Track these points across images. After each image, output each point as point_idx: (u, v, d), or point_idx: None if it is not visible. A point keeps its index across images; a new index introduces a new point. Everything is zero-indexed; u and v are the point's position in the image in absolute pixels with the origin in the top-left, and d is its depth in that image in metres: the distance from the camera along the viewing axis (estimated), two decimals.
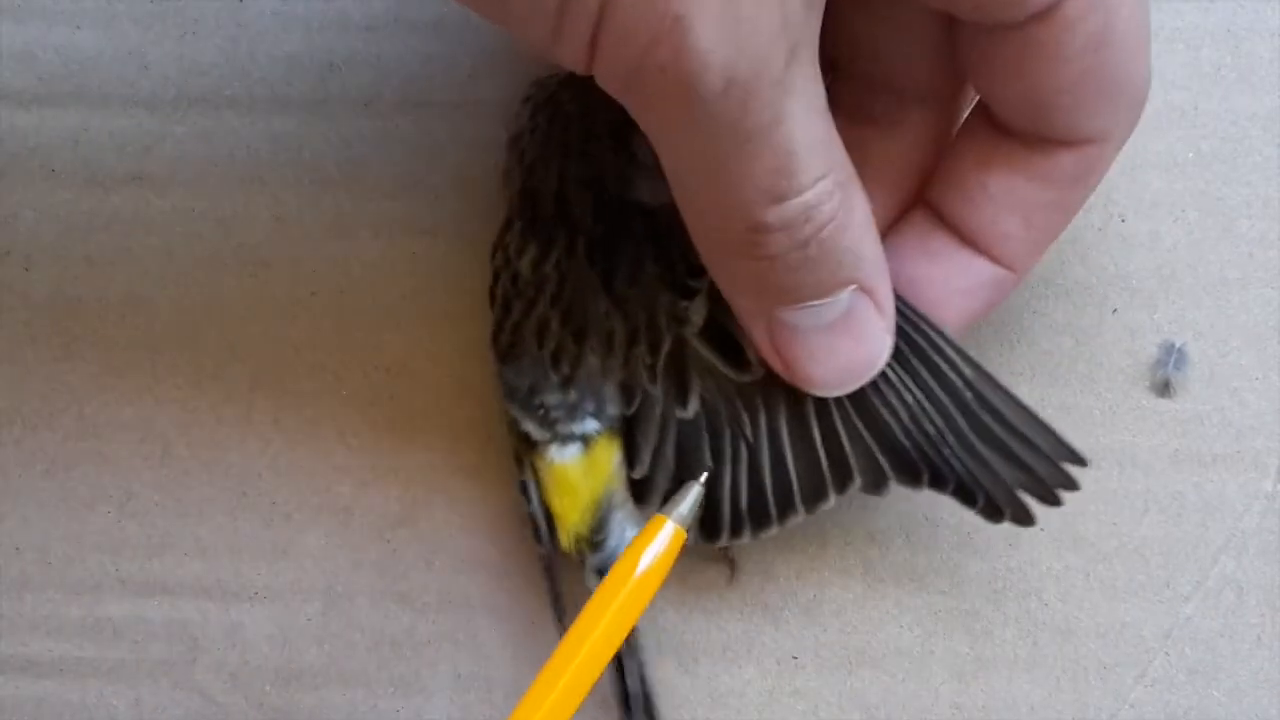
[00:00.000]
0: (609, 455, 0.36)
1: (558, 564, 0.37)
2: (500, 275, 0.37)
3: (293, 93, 0.40)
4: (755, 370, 0.35)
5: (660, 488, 0.36)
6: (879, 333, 0.33)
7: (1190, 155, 0.40)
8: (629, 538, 0.36)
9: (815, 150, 0.30)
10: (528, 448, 0.37)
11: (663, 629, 0.38)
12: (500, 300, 0.37)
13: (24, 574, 0.40)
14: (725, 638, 0.39)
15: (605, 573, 0.35)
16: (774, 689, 0.39)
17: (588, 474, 0.36)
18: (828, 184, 0.30)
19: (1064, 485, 0.34)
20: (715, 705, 0.39)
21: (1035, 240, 0.34)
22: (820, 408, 0.34)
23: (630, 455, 0.36)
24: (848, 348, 0.33)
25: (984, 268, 0.34)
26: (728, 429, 0.35)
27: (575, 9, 0.28)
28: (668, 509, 0.35)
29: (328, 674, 0.39)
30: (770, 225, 0.31)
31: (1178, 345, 0.39)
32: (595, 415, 0.36)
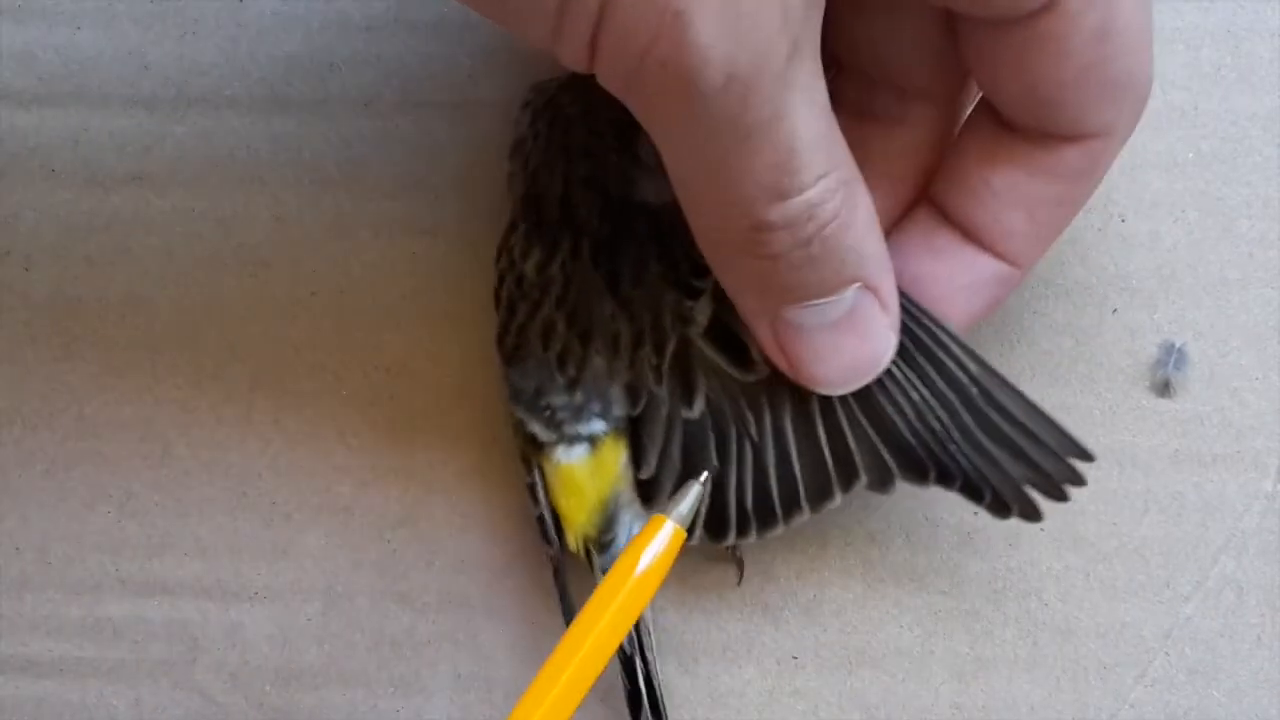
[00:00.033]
0: (615, 456, 0.36)
1: (565, 565, 0.37)
2: (505, 277, 0.37)
3: (293, 93, 0.40)
4: (760, 370, 0.35)
5: (666, 488, 0.36)
6: (884, 330, 0.33)
7: (1190, 155, 0.40)
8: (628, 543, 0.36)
9: (817, 147, 0.30)
10: (534, 449, 0.37)
11: (663, 629, 0.38)
12: (505, 302, 0.37)
13: (24, 574, 0.40)
14: (725, 638, 0.39)
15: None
16: (774, 689, 0.38)
17: (594, 475, 0.36)
18: (830, 181, 0.30)
19: (1071, 481, 0.34)
20: (715, 705, 0.39)
21: (1039, 236, 0.34)
22: (825, 406, 0.34)
23: (636, 456, 0.36)
24: (853, 346, 0.33)
25: (988, 264, 0.34)
26: (733, 429, 0.35)
27: (575, 8, 0.28)
28: (667, 508, 0.35)
29: (328, 674, 0.39)
30: (773, 223, 0.30)
31: (1178, 345, 0.39)
32: (601, 416, 0.36)
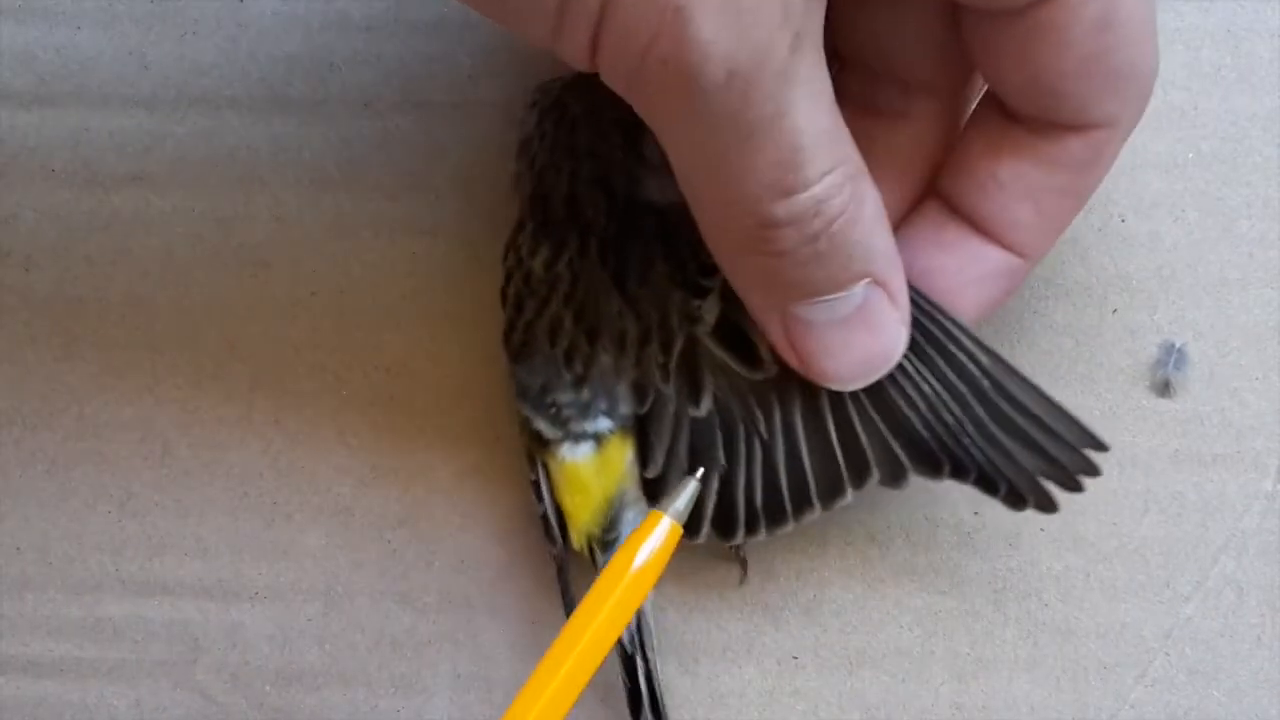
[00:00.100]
0: (621, 454, 0.36)
1: (569, 563, 0.37)
2: (513, 275, 0.37)
3: (293, 93, 0.40)
4: (768, 368, 0.35)
5: (673, 487, 0.36)
6: (894, 325, 0.33)
7: (1190, 155, 0.40)
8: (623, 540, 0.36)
9: (822, 142, 0.30)
10: (540, 446, 0.37)
11: (663, 629, 0.38)
12: (512, 300, 0.37)
13: (24, 574, 0.40)
14: (725, 638, 0.39)
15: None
16: (774, 689, 0.38)
17: (600, 473, 0.36)
18: (836, 177, 0.30)
19: (1085, 471, 0.34)
20: (715, 705, 0.39)
21: (1047, 227, 0.34)
22: (835, 402, 0.34)
23: (643, 454, 0.36)
24: (863, 341, 0.33)
25: (997, 256, 0.34)
26: (741, 427, 0.35)
27: (576, 7, 0.28)
28: (664, 504, 0.35)
29: (328, 674, 0.39)
30: (779, 220, 0.30)
31: (1178, 345, 0.39)
32: (608, 414, 0.36)
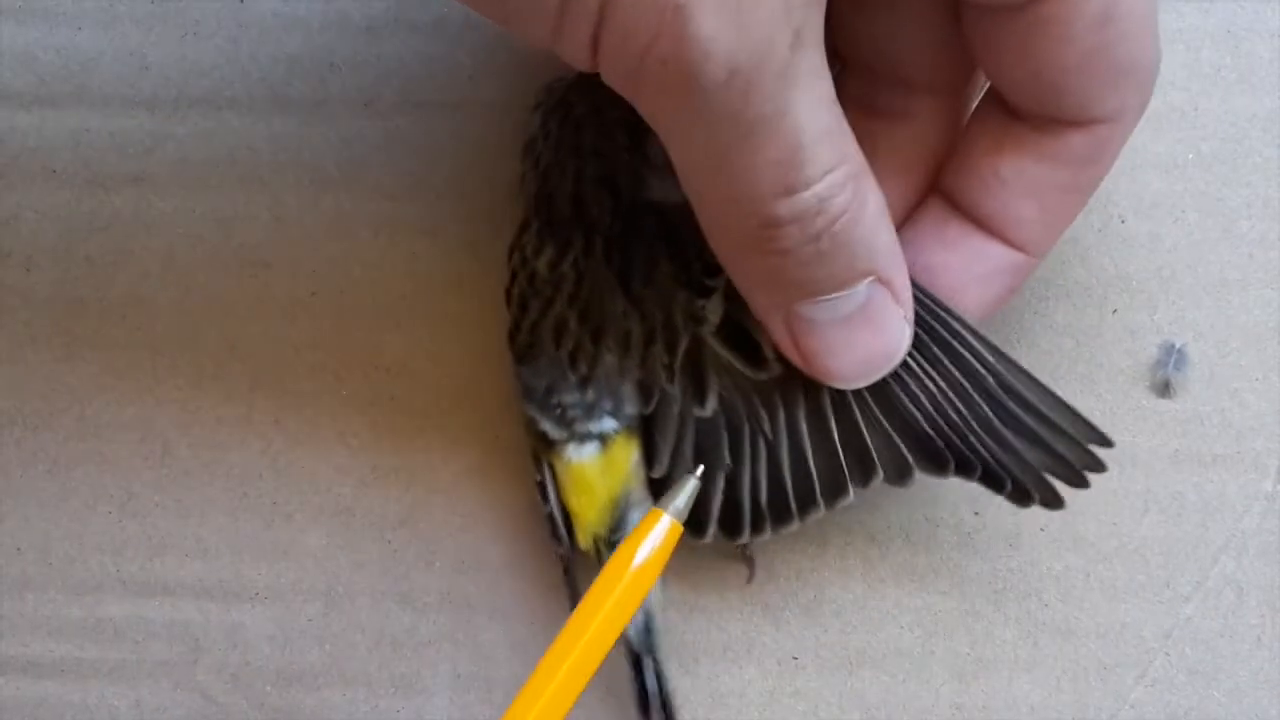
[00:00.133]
0: (627, 454, 0.36)
1: (575, 564, 0.37)
2: (517, 275, 0.37)
3: (293, 93, 0.40)
4: (773, 368, 0.35)
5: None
6: (898, 323, 0.33)
7: (1190, 156, 0.40)
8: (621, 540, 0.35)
9: (824, 141, 0.30)
10: (545, 447, 0.37)
11: (663, 629, 0.38)
12: (517, 300, 0.37)
13: (25, 574, 0.40)
14: (725, 638, 0.39)
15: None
16: (774, 689, 0.38)
17: (605, 473, 0.36)
18: (838, 175, 0.30)
19: (1091, 467, 0.34)
20: (716, 705, 0.39)
21: (1050, 224, 0.34)
22: (840, 401, 0.34)
23: (649, 454, 0.36)
24: (867, 340, 0.33)
25: (1001, 253, 0.34)
26: (747, 426, 0.35)
27: (576, 7, 0.28)
28: (663, 502, 0.35)
29: (328, 674, 0.39)
30: (781, 219, 0.30)
31: (1178, 346, 0.39)
32: (613, 414, 0.36)
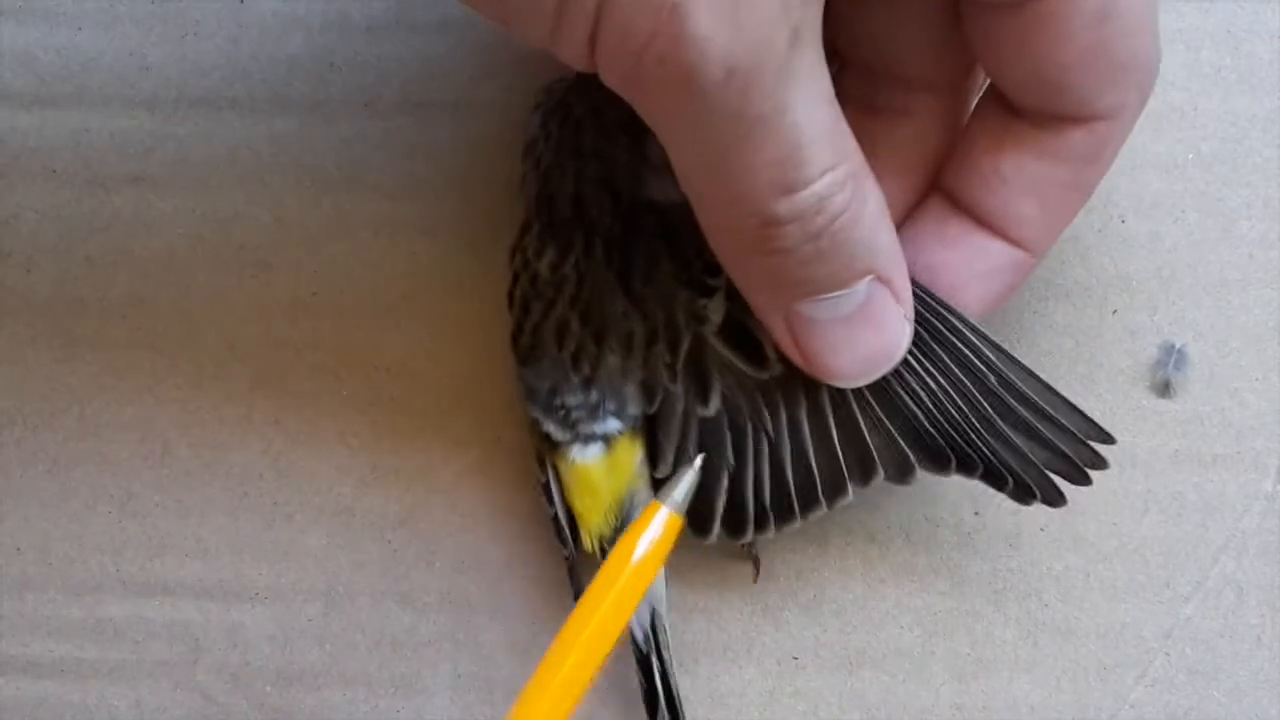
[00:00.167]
0: (631, 455, 0.36)
1: (579, 565, 0.37)
2: (519, 277, 0.37)
3: (293, 93, 0.40)
4: (775, 367, 0.35)
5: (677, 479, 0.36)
6: (898, 321, 0.33)
7: (1190, 156, 0.40)
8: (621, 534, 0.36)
9: (823, 139, 0.30)
10: (549, 448, 0.37)
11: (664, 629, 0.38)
12: (519, 302, 0.37)
13: (24, 574, 0.40)
14: (725, 638, 0.39)
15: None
16: (774, 689, 0.38)
17: (610, 474, 0.36)
18: (838, 174, 0.30)
19: (1093, 464, 0.34)
20: (716, 705, 0.38)
21: (1051, 221, 0.34)
22: (842, 400, 0.34)
23: (653, 454, 0.36)
24: (867, 338, 0.33)
25: (1001, 251, 0.34)
26: (749, 425, 0.35)
27: (573, 7, 0.28)
28: (662, 494, 0.35)
29: (329, 674, 0.39)
30: (781, 218, 0.30)
31: (1178, 346, 0.39)
32: (617, 415, 0.36)
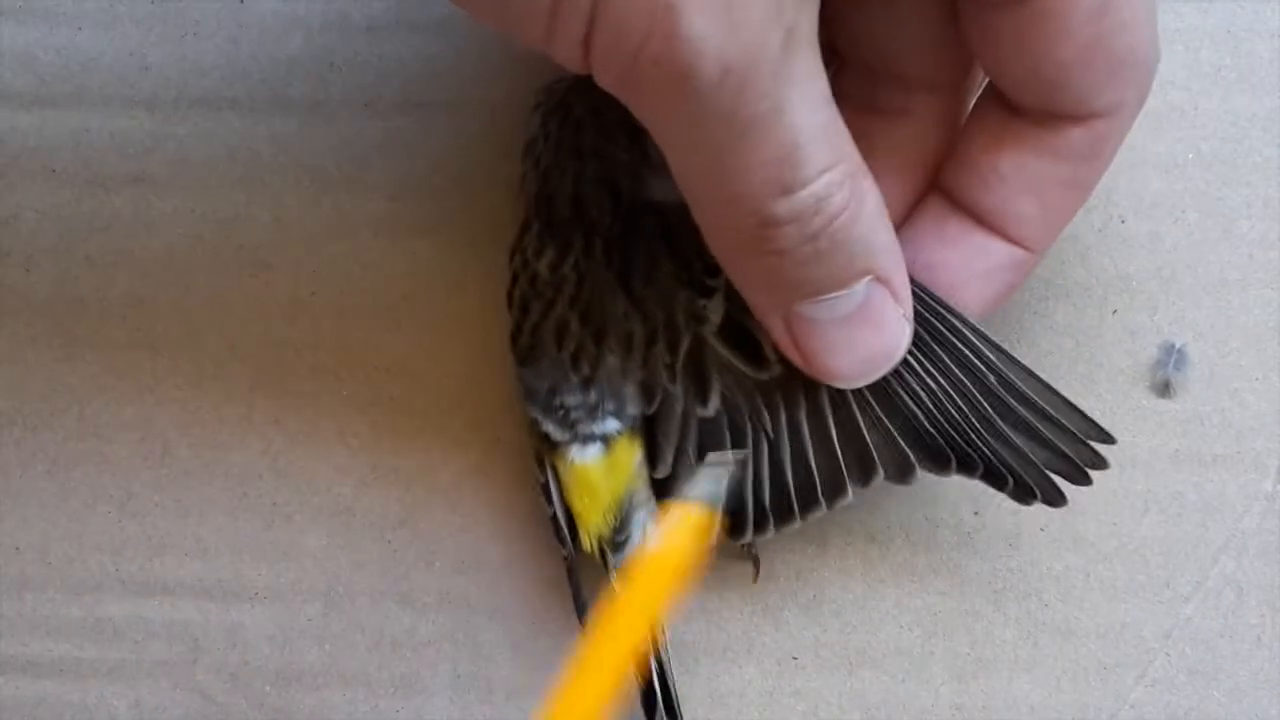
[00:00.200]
0: (630, 455, 0.36)
1: (578, 565, 0.37)
2: (519, 277, 0.37)
3: (293, 93, 0.40)
4: (774, 367, 0.35)
5: (689, 479, 0.35)
6: (898, 321, 0.33)
7: (1190, 156, 0.40)
8: (651, 537, 0.36)
9: (820, 139, 0.30)
10: (548, 448, 0.37)
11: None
12: (519, 302, 0.37)
13: (24, 574, 0.40)
14: (725, 638, 0.39)
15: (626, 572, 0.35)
16: (774, 689, 0.38)
17: (609, 474, 0.36)
18: (836, 174, 0.30)
19: (1093, 464, 0.34)
20: (715, 705, 0.39)
21: (1050, 220, 0.34)
22: (841, 400, 0.34)
23: (652, 454, 0.36)
24: (867, 338, 0.33)
25: (1001, 249, 0.34)
26: (749, 425, 0.35)
27: (567, 8, 0.28)
28: (692, 493, 0.34)
29: (328, 674, 0.39)
30: (779, 218, 0.30)
31: (1178, 346, 0.39)
32: (616, 415, 0.36)
